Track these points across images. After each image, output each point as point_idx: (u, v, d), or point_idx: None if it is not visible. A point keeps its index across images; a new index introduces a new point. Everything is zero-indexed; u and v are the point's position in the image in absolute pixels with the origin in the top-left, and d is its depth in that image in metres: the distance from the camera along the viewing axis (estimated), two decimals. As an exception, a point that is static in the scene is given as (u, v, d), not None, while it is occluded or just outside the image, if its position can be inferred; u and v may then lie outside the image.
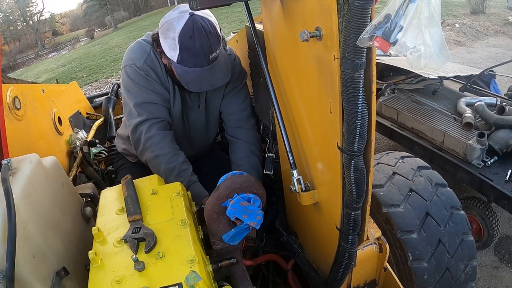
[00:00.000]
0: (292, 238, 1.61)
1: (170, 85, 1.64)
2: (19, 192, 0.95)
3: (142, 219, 1.06)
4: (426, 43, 0.68)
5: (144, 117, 1.59)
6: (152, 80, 1.59)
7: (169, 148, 1.60)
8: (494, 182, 2.33)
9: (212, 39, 1.44)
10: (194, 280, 0.83)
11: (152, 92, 1.59)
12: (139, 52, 1.59)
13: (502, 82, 4.62)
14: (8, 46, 32.91)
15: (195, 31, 1.40)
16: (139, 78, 1.57)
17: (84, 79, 10.90)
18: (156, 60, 1.59)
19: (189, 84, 1.52)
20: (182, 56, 1.45)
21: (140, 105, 1.59)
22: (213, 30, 1.45)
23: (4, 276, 0.79)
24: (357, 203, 0.99)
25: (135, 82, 1.58)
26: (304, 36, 0.87)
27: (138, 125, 1.60)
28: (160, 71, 1.60)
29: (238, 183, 1.14)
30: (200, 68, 1.47)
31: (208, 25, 1.44)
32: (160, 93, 1.62)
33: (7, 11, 38.30)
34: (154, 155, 1.58)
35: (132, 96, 1.60)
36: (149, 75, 1.58)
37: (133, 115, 1.62)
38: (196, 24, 1.40)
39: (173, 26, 1.42)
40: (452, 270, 1.73)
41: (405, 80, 3.40)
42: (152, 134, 1.58)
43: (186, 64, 1.47)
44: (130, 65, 1.58)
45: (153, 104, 1.60)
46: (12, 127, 1.59)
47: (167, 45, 1.48)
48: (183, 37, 1.41)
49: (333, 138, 0.96)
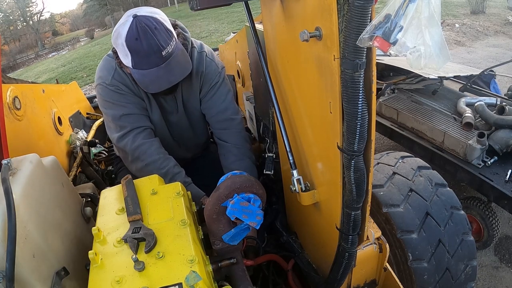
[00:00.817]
0: (292, 238, 1.61)
1: (143, 93, 1.63)
2: (19, 192, 0.95)
3: (142, 219, 1.06)
4: (426, 43, 0.68)
5: (127, 128, 1.59)
6: (124, 93, 1.59)
7: (158, 154, 1.60)
8: (494, 182, 2.33)
9: (160, 36, 1.39)
10: (194, 280, 0.83)
11: (128, 104, 1.59)
12: (106, 69, 1.59)
13: (502, 82, 4.62)
14: (8, 46, 32.90)
15: (140, 32, 1.36)
16: (111, 94, 1.57)
17: (84, 79, 10.91)
18: (123, 73, 1.58)
19: (147, 87, 1.49)
20: (134, 60, 1.42)
21: (119, 119, 1.59)
22: (159, 26, 1.40)
23: (4, 276, 0.79)
24: (357, 203, 0.99)
25: (109, 99, 1.58)
26: (304, 36, 0.87)
27: (123, 137, 1.59)
28: (130, 83, 1.59)
29: (238, 183, 1.14)
30: (156, 68, 1.42)
31: (153, 22, 1.39)
32: (136, 103, 1.62)
33: (7, 11, 38.32)
34: (145, 163, 1.58)
35: (109, 112, 1.60)
36: (120, 89, 1.58)
37: (115, 129, 1.62)
38: (140, 24, 1.37)
39: (120, 32, 1.40)
40: (452, 270, 1.73)
41: (405, 80, 3.40)
42: (139, 144, 1.58)
43: (141, 67, 1.43)
44: (100, 84, 1.59)
45: (132, 115, 1.60)
46: (12, 127, 1.59)
47: (120, 53, 1.46)
48: (129, 41, 1.38)
49: (333, 138, 0.96)
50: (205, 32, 14.06)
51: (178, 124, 1.80)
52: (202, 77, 1.71)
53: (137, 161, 1.60)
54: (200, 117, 1.85)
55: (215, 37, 12.81)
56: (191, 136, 1.89)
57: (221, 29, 14.01)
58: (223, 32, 13.16)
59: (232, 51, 2.37)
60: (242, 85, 2.28)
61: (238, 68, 2.25)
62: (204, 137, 2.01)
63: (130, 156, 1.60)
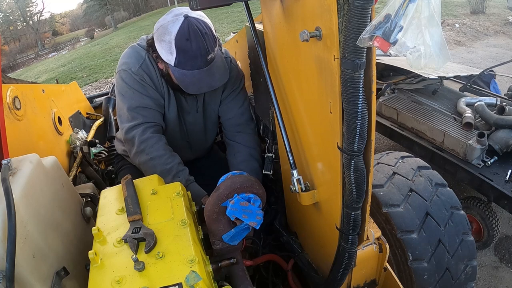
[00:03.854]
0: (292, 238, 1.61)
1: (165, 90, 1.64)
2: (19, 192, 0.95)
3: (142, 219, 1.06)
4: (426, 43, 0.68)
5: (139, 120, 1.59)
6: (146, 85, 1.59)
7: (164, 150, 1.60)
8: (494, 182, 2.33)
9: (209, 40, 1.44)
10: (194, 280, 0.83)
11: (146, 97, 1.60)
12: (134, 57, 1.59)
13: (502, 82, 4.62)
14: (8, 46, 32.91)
15: (191, 33, 1.39)
16: (134, 82, 1.58)
17: (84, 79, 10.91)
18: (151, 66, 1.58)
19: (187, 87, 1.52)
20: (179, 59, 1.44)
21: (134, 109, 1.59)
22: (208, 31, 1.45)
23: (4, 276, 0.79)
24: (357, 203, 0.99)
25: (130, 87, 1.58)
26: (304, 36, 0.87)
27: (132, 128, 1.60)
28: (155, 77, 1.60)
29: (238, 183, 1.14)
30: (198, 70, 1.47)
31: (203, 26, 1.43)
32: (155, 99, 1.62)
33: (7, 11, 38.31)
34: (150, 157, 1.58)
35: (126, 100, 1.60)
36: (144, 80, 1.58)
37: (127, 118, 1.62)
38: (191, 26, 1.40)
39: (168, 29, 1.42)
40: (452, 270, 1.73)
41: (405, 80, 3.40)
42: (147, 137, 1.59)
43: (184, 67, 1.46)
44: (125, 70, 1.58)
45: (148, 109, 1.61)
46: (12, 127, 1.59)
47: (163, 49, 1.47)
48: (179, 40, 1.40)
49: (333, 138, 0.96)
50: (205, 32, 14.03)
51: (193, 124, 1.81)
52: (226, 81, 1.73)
53: (142, 154, 1.59)
54: (215, 120, 1.88)
55: (215, 37, 12.78)
56: (201, 137, 1.90)
57: (221, 29, 14.00)
58: (223, 32, 13.16)
59: (232, 51, 2.36)
60: (242, 85, 2.28)
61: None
62: (212, 140, 2.03)
63: (136, 148, 1.60)
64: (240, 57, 1.84)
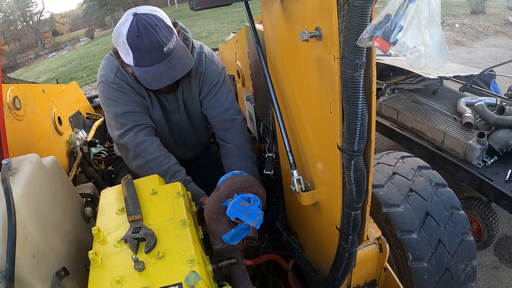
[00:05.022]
0: (292, 238, 1.61)
1: (144, 92, 1.64)
2: (19, 192, 0.95)
3: (142, 219, 1.06)
4: (426, 43, 0.68)
5: (128, 126, 1.59)
6: (126, 91, 1.59)
7: (159, 152, 1.60)
8: (494, 182, 2.33)
9: (161, 32, 1.40)
10: (194, 280, 0.83)
11: (130, 102, 1.60)
12: (108, 68, 1.60)
13: (502, 82, 4.63)
14: (8, 46, 32.89)
15: (140, 30, 1.37)
16: (113, 92, 1.58)
17: (84, 79, 10.91)
18: (125, 72, 1.59)
19: (150, 83, 1.50)
20: (136, 57, 1.42)
21: (121, 116, 1.59)
22: (160, 23, 1.42)
23: (4, 276, 0.79)
24: (357, 203, 0.99)
25: (111, 97, 1.59)
26: (304, 36, 0.87)
27: (124, 134, 1.60)
28: (132, 81, 1.60)
29: (238, 183, 1.14)
30: (158, 65, 1.43)
31: (153, 19, 1.40)
32: (138, 102, 1.62)
33: (7, 11, 38.31)
34: (146, 160, 1.58)
35: (111, 110, 1.61)
36: (122, 87, 1.58)
37: (116, 126, 1.62)
38: (140, 22, 1.38)
39: (120, 31, 1.41)
40: (452, 270, 1.73)
41: (405, 80, 3.40)
42: (140, 140, 1.59)
43: (143, 64, 1.44)
44: (102, 82, 1.59)
45: (134, 113, 1.61)
46: (12, 127, 1.59)
47: (122, 52, 1.46)
48: (130, 38, 1.39)
49: (333, 138, 0.96)
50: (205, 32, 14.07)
51: (179, 123, 1.81)
52: (201, 78, 1.71)
53: (138, 158, 1.60)
54: (201, 117, 1.85)
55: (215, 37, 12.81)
56: (191, 135, 1.89)
57: (221, 29, 14.01)
58: (223, 32, 13.16)
59: (232, 51, 2.37)
60: (242, 85, 2.28)
61: (238, 68, 2.25)
62: (205, 137, 2.02)
63: (132, 153, 1.60)
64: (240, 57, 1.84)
